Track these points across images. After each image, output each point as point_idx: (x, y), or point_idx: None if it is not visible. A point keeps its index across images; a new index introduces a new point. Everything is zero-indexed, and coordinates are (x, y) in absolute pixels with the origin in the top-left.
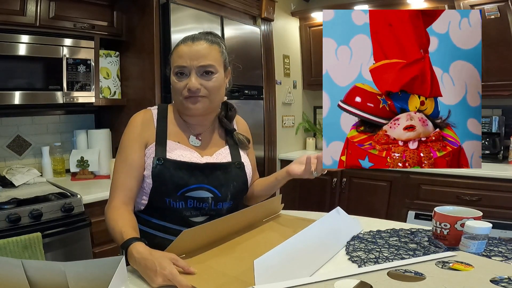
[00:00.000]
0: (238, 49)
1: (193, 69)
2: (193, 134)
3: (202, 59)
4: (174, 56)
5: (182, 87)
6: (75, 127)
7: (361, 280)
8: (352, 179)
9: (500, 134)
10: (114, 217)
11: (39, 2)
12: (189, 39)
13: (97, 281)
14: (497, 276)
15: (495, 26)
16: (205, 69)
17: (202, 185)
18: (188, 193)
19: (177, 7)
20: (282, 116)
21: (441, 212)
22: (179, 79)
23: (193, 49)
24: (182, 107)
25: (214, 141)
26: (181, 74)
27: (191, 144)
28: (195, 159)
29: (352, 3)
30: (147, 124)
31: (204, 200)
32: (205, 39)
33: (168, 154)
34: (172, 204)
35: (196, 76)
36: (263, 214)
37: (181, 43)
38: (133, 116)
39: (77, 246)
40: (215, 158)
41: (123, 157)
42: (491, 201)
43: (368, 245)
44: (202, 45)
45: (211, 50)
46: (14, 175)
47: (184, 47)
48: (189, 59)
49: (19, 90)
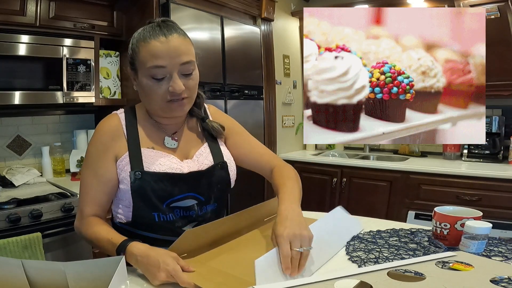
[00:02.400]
0: (238, 49)
1: (175, 69)
2: (168, 135)
3: (183, 56)
4: (144, 54)
5: (162, 91)
6: (75, 127)
7: (361, 280)
8: (352, 179)
9: (500, 134)
10: (94, 230)
11: (39, 2)
12: (160, 34)
13: (97, 281)
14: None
15: (495, 26)
16: (186, 67)
17: (188, 194)
18: (174, 204)
19: (177, 7)
20: (282, 116)
21: (441, 212)
22: (157, 82)
23: (170, 45)
24: (162, 112)
25: (191, 139)
26: (158, 76)
27: (167, 147)
28: (176, 165)
29: (352, 3)
30: (116, 133)
31: (190, 208)
32: (175, 31)
33: (146, 165)
34: (162, 218)
35: (178, 77)
36: (264, 213)
37: (151, 39)
38: (99, 124)
39: (77, 246)
40: (196, 162)
41: (93, 171)
42: (491, 201)
43: (368, 245)
44: (177, 39)
45: (186, 44)
46: (14, 175)
47: (158, 43)
48: (168, 58)
49: (19, 90)
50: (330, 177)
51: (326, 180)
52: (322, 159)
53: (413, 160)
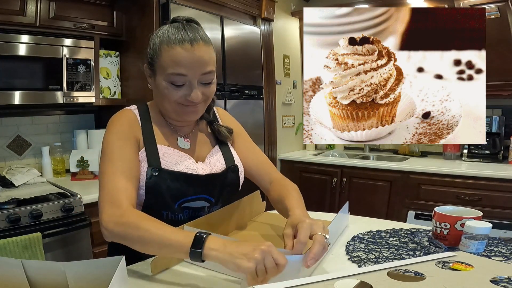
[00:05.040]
0: (238, 49)
1: (195, 78)
2: (181, 136)
3: (204, 66)
4: (166, 59)
5: (178, 96)
6: (75, 127)
7: (361, 280)
8: (352, 179)
9: (500, 134)
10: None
11: (39, 2)
12: (186, 41)
13: (97, 281)
14: (497, 276)
15: (495, 26)
16: (207, 76)
17: (201, 196)
18: (185, 204)
19: (177, 7)
20: (282, 116)
21: (441, 212)
22: (176, 88)
23: (195, 55)
24: (176, 115)
25: (202, 140)
26: (178, 83)
27: (180, 147)
28: (192, 166)
29: (352, 2)
30: (134, 124)
31: (201, 209)
32: (201, 39)
33: (163, 163)
34: (170, 217)
35: (197, 85)
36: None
37: (177, 45)
38: (114, 117)
39: (77, 246)
40: (209, 164)
41: (120, 157)
42: (491, 201)
43: (368, 245)
44: (202, 49)
45: (210, 52)
46: (14, 175)
47: (183, 51)
48: (190, 67)
49: (19, 90)
50: (330, 177)
51: (326, 180)
52: (322, 159)
53: (413, 160)
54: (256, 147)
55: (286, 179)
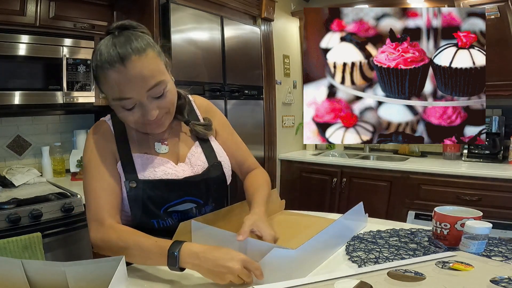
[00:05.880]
0: (238, 49)
1: (142, 97)
2: (157, 140)
3: (146, 82)
4: (104, 85)
5: (135, 119)
6: (75, 127)
7: (361, 280)
8: (352, 179)
9: (500, 134)
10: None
11: (39, 2)
12: (116, 62)
13: (97, 281)
14: (497, 276)
15: (495, 26)
16: (155, 90)
17: (185, 198)
18: (171, 208)
19: (177, 7)
20: (282, 116)
21: (441, 212)
22: (129, 111)
23: (130, 75)
24: (141, 129)
25: (181, 140)
26: (127, 106)
27: (158, 152)
28: (170, 170)
29: (352, 2)
30: (109, 138)
31: (188, 211)
32: (134, 52)
33: (140, 173)
34: (162, 224)
35: (149, 103)
36: None
37: (109, 69)
38: (90, 131)
39: (77, 246)
40: (189, 164)
41: (99, 174)
42: (491, 201)
43: (368, 245)
44: (137, 64)
45: (149, 63)
46: (14, 175)
47: (116, 74)
48: (131, 89)
49: (19, 90)
50: (330, 177)
51: (326, 180)
52: (322, 159)
53: (413, 160)
54: (235, 133)
55: (259, 170)
